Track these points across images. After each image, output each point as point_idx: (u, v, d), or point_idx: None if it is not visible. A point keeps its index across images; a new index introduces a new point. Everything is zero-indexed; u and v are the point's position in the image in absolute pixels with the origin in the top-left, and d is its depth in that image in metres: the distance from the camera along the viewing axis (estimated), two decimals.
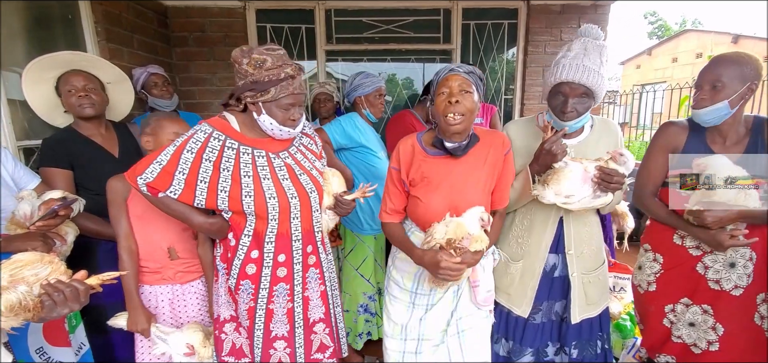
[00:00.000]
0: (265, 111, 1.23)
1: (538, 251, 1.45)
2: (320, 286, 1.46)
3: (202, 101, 3.20)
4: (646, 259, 1.59)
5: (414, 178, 1.33)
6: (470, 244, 1.21)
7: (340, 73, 3.52)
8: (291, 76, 1.22)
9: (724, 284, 1.43)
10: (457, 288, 1.40)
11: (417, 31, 3.37)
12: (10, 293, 0.88)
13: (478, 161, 1.32)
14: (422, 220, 1.33)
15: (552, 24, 3.27)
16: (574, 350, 1.51)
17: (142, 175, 1.19)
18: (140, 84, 2.29)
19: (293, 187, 1.32)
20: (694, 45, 14.52)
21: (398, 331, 1.44)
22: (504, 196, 1.38)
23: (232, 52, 1.22)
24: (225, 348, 1.41)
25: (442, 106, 1.23)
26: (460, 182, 1.30)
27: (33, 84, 1.58)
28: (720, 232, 1.34)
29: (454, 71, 1.26)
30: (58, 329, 1.45)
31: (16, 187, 1.43)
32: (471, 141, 1.29)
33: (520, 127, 1.49)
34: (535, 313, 1.50)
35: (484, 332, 1.45)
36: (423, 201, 1.31)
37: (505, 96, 3.57)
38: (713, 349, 1.47)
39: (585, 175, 1.27)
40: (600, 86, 1.28)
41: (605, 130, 1.44)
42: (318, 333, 1.47)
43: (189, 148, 1.20)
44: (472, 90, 1.24)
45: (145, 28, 2.74)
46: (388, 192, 1.40)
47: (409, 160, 1.34)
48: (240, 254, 1.31)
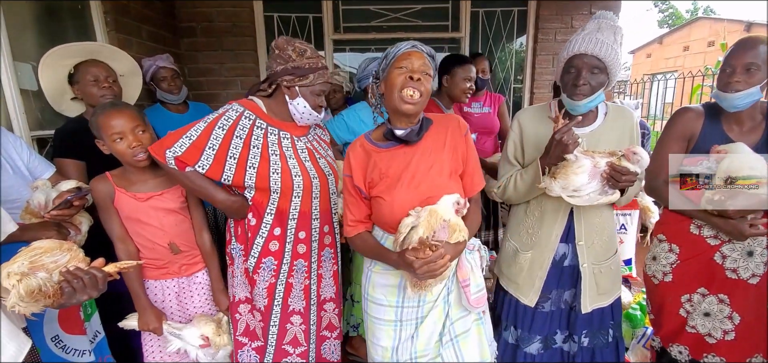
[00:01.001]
0: (301, 94, 1.33)
1: (548, 242, 1.44)
2: (333, 266, 1.54)
3: (210, 91, 3.20)
4: (661, 249, 1.57)
5: (372, 178, 1.19)
6: (449, 236, 1.09)
7: (348, 63, 3.50)
8: (325, 67, 1.37)
9: (742, 273, 1.41)
10: (447, 292, 1.26)
11: (425, 20, 3.34)
12: (31, 279, 0.90)
13: (436, 145, 1.20)
14: (389, 222, 1.17)
15: (562, 11, 3.22)
16: (585, 338, 1.50)
17: (172, 148, 1.24)
18: (149, 76, 2.29)
19: (314, 168, 1.41)
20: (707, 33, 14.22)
21: (388, 356, 1.26)
22: (476, 180, 1.24)
23: (276, 40, 1.34)
24: (239, 327, 1.48)
25: (400, 80, 1.12)
26: (421, 170, 1.17)
27: (48, 68, 1.59)
28: (741, 221, 1.31)
29: (417, 48, 1.15)
30: (74, 318, 1.46)
31: (31, 177, 1.45)
32: (423, 125, 1.19)
33: (532, 115, 1.46)
34: (543, 301, 1.50)
35: (480, 334, 1.32)
36: (386, 199, 1.16)
37: (514, 85, 3.53)
38: (729, 338, 1.45)
39: (594, 170, 1.23)
40: (614, 61, 1.24)
41: (620, 116, 1.41)
42: (328, 311, 1.55)
43: (221, 125, 1.27)
44: (431, 74, 1.16)
45: (153, 18, 2.73)
46: (346, 204, 1.27)
47: (362, 162, 1.22)
48: (263, 232, 1.37)
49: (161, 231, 1.39)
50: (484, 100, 2.67)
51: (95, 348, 1.60)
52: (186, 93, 2.39)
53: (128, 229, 1.38)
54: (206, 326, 1.44)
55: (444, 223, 1.08)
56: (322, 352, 1.57)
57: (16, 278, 0.88)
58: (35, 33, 1.99)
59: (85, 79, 1.59)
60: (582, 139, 1.34)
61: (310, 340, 1.50)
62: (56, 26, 2.11)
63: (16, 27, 1.83)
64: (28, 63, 1.90)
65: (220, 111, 1.31)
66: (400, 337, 1.25)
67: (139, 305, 1.40)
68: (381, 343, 1.27)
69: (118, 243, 1.36)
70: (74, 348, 1.46)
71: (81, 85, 1.60)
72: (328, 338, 1.57)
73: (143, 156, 1.30)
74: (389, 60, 1.17)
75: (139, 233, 1.39)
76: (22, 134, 1.81)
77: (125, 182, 1.36)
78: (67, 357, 1.44)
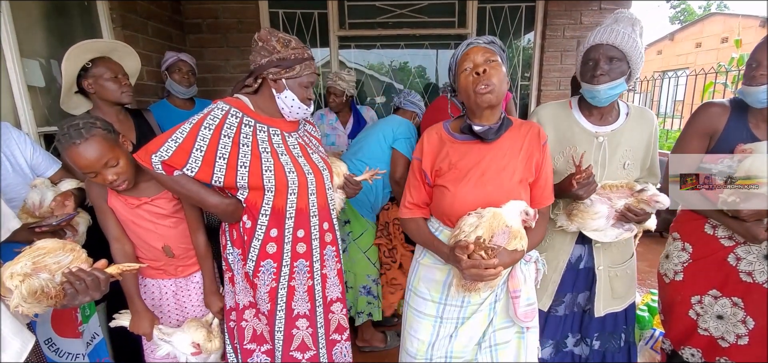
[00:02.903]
0: (288, 87, 1.28)
1: (562, 244, 1.41)
2: (337, 265, 1.48)
3: (216, 88, 3.20)
4: (674, 248, 1.54)
5: (440, 166, 1.19)
6: (508, 242, 1.04)
7: (353, 61, 3.48)
8: (311, 58, 1.32)
9: (757, 276, 1.37)
10: (495, 298, 1.22)
11: (431, 16, 3.30)
12: (33, 280, 0.90)
13: (512, 149, 1.17)
14: (449, 214, 1.17)
15: (571, 7, 3.16)
16: (596, 342, 1.48)
17: (157, 152, 1.16)
18: (166, 65, 2.30)
19: (308, 164, 1.36)
20: (720, 29, 13.94)
21: (423, 350, 1.25)
22: (546, 193, 1.21)
23: (259, 32, 1.28)
24: (247, 335, 1.42)
25: (469, 80, 1.11)
26: (492, 170, 1.14)
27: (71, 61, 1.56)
28: (756, 224, 1.28)
29: (473, 44, 1.14)
30: (68, 320, 1.44)
31: (33, 174, 1.45)
32: (504, 124, 1.16)
33: (552, 112, 1.40)
34: (557, 305, 1.47)
35: (521, 349, 1.26)
36: (450, 190, 1.15)
37: (521, 82, 3.49)
38: (742, 343, 1.42)
39: (610, 211, 1.23)
40: (632, 49, 1.20)
41: (641, 117, 1.36)
42: (335, 313, 1.49)
43: (207, 125, 1.20)
44: (497, 59, 1.12)
45: (159, 14, 2.74)
46: (409, 185, 1.29)
47: (435, 148, 1.22)
48: (258, 234, 1.31)
49: (156, 234, 1.36)
50: None
51: (92, 351, 1.56)
52: (195, 91, 2.40)
53: (124, 229, 1.35)
54: (197, 332, 1.40)
55: (506, 229, 1.05)
56: (334, 356, 1.51)
57: (19, 278, 0.88)
58: (42, 29, 2.00)
59: (105, 74, 1.59)
60: (603, 138, 1.31)
61: (319, 344, 1.44)
62: (63, 23, 2.12)
63: (24, 23, 1.85)
64: (35, 59, 1.92)
65: (204, 111, 1.24)
66: (439, 333, 1.24)
67: (133, 308, 1.37)
68: (418, 336, 1.26)
69: (114, 242, 1.33)
70: (67, 351, 1.42)
71: (97, 80, 1.59)
72: (338, 342, 1.51)
73: (123, 186, 1.25)
74: (454, 69, 1.19)
75: (134, 234, 1.36)
76: (29, 130, 1.83)
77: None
78: (60, 360, 1.41)
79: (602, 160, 1.32)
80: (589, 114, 1.35)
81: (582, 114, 1.36)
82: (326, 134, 2.64)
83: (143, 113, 1.85)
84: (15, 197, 1.37)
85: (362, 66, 3.52)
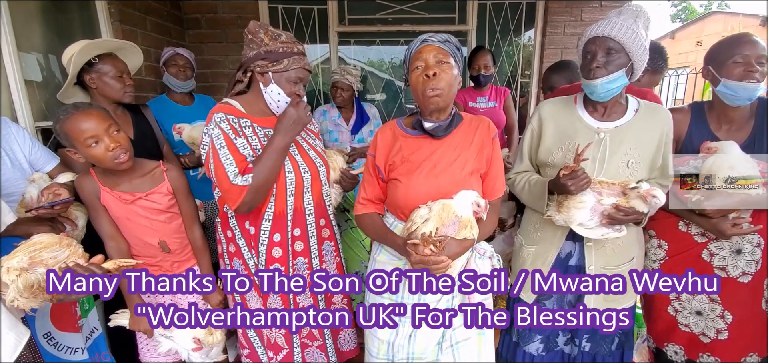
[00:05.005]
0: (274, 81, 1.26)
1: (553, 238, 1.39)
2: (336, 258, 1.51)
3: (215, 84, 3.19)
4: (651, 245, 1.55)
5: (394, 161, 1.20)
6: (457, 231, 1.06)
7: (353, 57, 3.46)
8: (302, 53, 1.29)
9: (731, 271, 1.39)
10: (451, 296, 1.22)
11: (431, 12, 3.29)
12: (30, 275, 0.90)
13: (464, 142, 1.19)
14: (402, 206, 1.18)
15: (572, 3, 3.15)
16: (587, 344, 1.45)
17: (234, 177, 1.20)
18: (163, 59, 2.28)
19: (304, 162, 1.36)
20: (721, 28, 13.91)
21: (384, 350, 1.25)
22: (497, 185, 1.22)
23: (249, 25, 1.27)
24: (265, 340, 1.44)
25: (419, 81, 1.11)
26: (444, 162, 1.16)
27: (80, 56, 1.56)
28: (722, 220, 1.30)
29: (427, 42, 1.13)
30: (67, 314, 1.43)
31: (32, 169, 1.44)
32: (454, 120, 1.17)
33: (553, 107, 1.38)
34: (544, 298, 1.45)
35: (480, 344, 1.27)
36: (402, 182, 1.16)
37: (521, 80, 3.48)
38: (722, 338, 1.44)
39: (597, 206, 1.21)
40: (632, 41, 1.17)
41: (652, 116, 1.29)
42: (336, 304, 1.53)
43: (219, 145, 1.21)
44: (449, 61, 1.11)
45: (158, 9, 2.72)
46: (363, 181, 1.29)
47: (388, 144, 1.23)
48: (263, 240, 1.33)
49: (151, 230, 1.35)
50: (489, 94, 2.63)
51: (91, 345, 1.56)
52: (192, 85, 2.37)
53: (118, 226, 1.33)
54: (197, 328, 1.40)
55: (455, 219, 1.06)
56: (339, 343, 1.56)
57: (15, 273, 0.88)
58: (40, 24, 1.98)
59: (110, 72, 1.59)
60: (605, 134, 1.29)
61: (325, 335, 1.48)
62: (61, 17, 2.11)
63: (21, 18, 1.83)
64: (32, 54, 1.90)
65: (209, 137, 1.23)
66: (398, 332, 1.23)
67: (131, 306, 1.36)
68: (377, 335, 1.26)
69: (108, 241, 1.31)
70: (67, 345, 1.42)
71: (101, 76, 1.58)
72: (342, 330, 1.57)
73: (125, 157, 1.22)
74: (407, 63, 1.18)
75: (129, 231, 1.34)
76: (26, 124, 1.82)
77: (110, 181, 1.29)
78: (59, 355, 1.40)
79: (601, 156, 1.29)
80: (593, 109, 1.33)
81: (586, 109, 1.34)
82: (329, 130, 2.62)
83: (141, 109, 1.84)
84: (13, 192, 1.37)
85: (362, 62, 3.51)
